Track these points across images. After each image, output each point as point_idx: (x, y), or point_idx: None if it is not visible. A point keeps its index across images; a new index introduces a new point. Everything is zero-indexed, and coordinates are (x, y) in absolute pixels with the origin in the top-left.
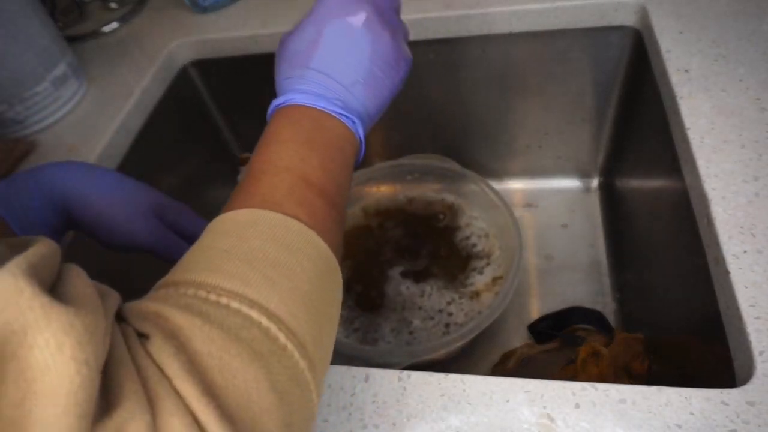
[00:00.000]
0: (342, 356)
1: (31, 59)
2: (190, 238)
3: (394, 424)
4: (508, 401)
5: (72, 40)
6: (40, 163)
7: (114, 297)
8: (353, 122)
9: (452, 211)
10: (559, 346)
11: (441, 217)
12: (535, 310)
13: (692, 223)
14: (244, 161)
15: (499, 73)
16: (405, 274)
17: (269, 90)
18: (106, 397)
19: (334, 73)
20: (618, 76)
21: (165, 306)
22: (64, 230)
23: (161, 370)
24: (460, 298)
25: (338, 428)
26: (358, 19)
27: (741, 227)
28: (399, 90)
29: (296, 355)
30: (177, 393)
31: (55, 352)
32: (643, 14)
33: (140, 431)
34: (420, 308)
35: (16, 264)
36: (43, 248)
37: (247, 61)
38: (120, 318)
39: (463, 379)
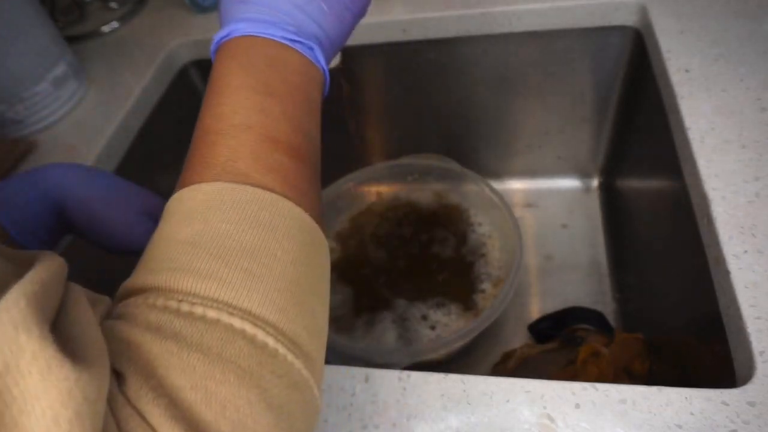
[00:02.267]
0: (342, 356)
1: (31, 59)
2: None
3: (394, 424)
4: (508, 401)
5: (72, 40)
6: (40, 163)
7: (103, 306)
8: (311, 49)
9: (452, 211)
10: (559, 346)
11: (441, 217)
12: (535, 310)
13: (692, 223)
14: None
15: (499, 73)
16: (404, 274)
17: None
18: None
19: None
20: (618, 76)
21: (134, 329)
22: (62, 232)
23: (144, 419)
24: (460, 297)
25: (338, 428)
26: None
27: (741, 227)
28: (363, 14)
29: (289, 357)
30: None
31: (51, 425)
32: (643, 14)
33: None
34: (420, 308)
35: (17, 303)
36: (45, 272)
37: None
38: None
39: (463, 379)
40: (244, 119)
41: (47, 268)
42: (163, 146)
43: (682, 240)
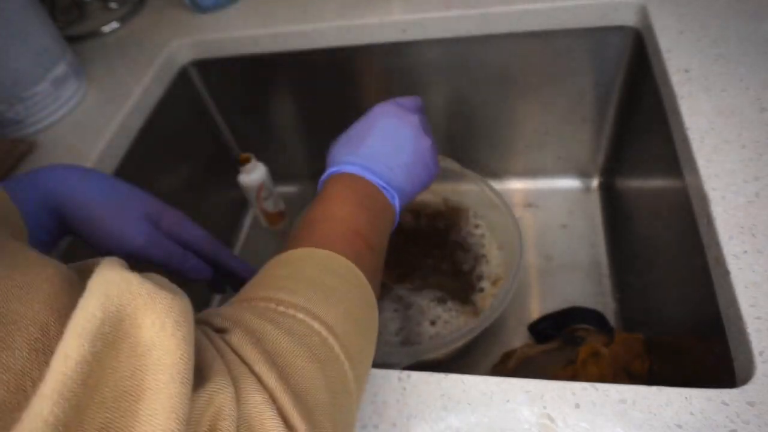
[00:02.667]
0: None
1: (31, 59)
2: (185, 244)
3: (394, 424)
4: (508, 401)
5: (72, 40)
6: (40, 163)
7: None
8: (392, 196)
9: (452, 211)
10: (559, 346)
11: (441, 217)
12: (535, 310)
13: (692, 223)
14: (244, 161)
15: (499, 73)
16: (405, 275)
17: (269, 90)
18: (197, 373)
19: (381, 156)
20: (618, 76)
21: (242, 311)
22: (61, 234)
23: (240, 358)
24: (460, 298)
25: None
26: (409, 120)
27: (741, 227)
28: (426, 188)
29: (346, 365)
30: (256, 375)
31: (159, 330)
32: (643, 14)
33: (227, 401)
34: (420, 308)
35: (116, 261)
36: (116, 258)
37: (247, 61)
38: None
39: (463, 379)
40: (339, 215)
41: (114, 257)
42: (163, 146)
43: (682, 240)
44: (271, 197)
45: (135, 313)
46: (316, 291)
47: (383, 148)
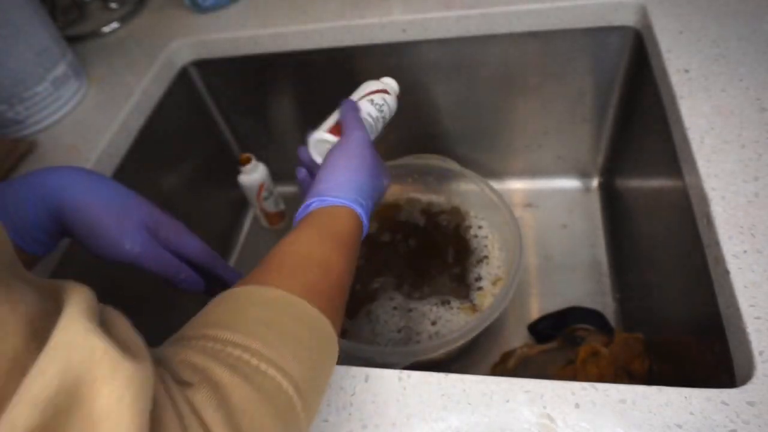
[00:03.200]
0: (342, 356)
1: (31, 59)
2: (182, 255)
3: (394, 424)
4: (508, 401)
5: (72, 40)
6: (41, 163)
7: (147, 346)
8: (361, 216)
9: (452, 211)
10: (559, 346)
11: (441, 217)
12: (535, 310)
13: (692, 223)
14: (245, 161)
15: (499, 73)
16: (405, 275)
17: (269, 90)
18: None
19: (365, 191)
20: (618, 76)
21: (215, 362)
22: (60, 236)
23: (200, 418)
24: (460, 298)
25: (338, 428)
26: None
27: (741, 227)
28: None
29: (303, 423)
30: None
31: (116, 402)
32: (643, 14)
33: None
34: (420, 308)
35: (81, 315)
36: (85, 294)
37: (247, 61)
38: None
39: (463, 379)
40: (332, 264)
41: (84, 294)
42: (163, 146)
43: (682, 240)
44: (271, 197)
45: (94, 383)
46: (287, 345)
47: (366, 184)
